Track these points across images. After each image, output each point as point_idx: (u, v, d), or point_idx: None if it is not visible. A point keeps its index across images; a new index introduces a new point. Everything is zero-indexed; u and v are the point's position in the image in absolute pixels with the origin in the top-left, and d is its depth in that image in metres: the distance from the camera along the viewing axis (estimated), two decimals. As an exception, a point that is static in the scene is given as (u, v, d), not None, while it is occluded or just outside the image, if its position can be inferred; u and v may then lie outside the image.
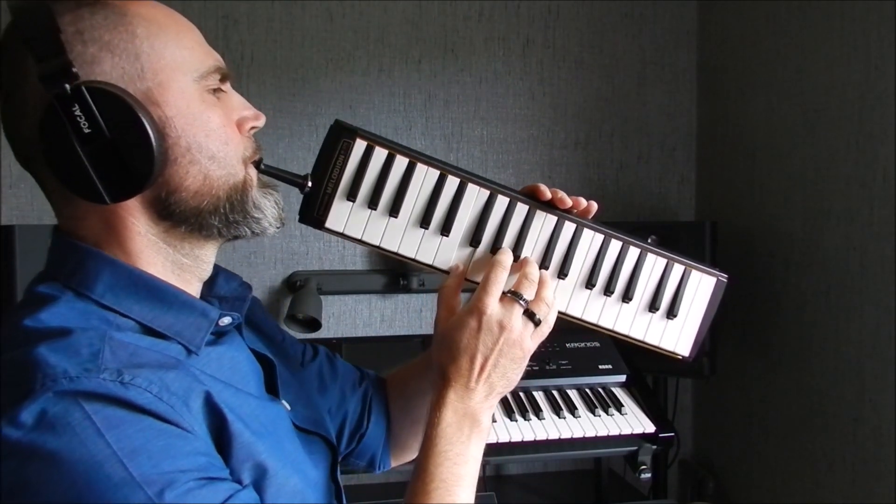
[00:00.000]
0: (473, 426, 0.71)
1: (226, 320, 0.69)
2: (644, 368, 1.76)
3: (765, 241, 1.82)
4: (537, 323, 0.73)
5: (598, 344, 1.72)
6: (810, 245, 1.65)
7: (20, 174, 1.82)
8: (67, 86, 0.57)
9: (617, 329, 0.81)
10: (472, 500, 0.69)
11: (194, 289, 0.69)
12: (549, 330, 0.76)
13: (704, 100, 2.12)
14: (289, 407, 0.75)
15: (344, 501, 0.79)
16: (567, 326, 0.83)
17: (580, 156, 2.10)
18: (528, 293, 0.73)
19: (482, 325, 0.70)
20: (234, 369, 0.68)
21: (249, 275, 1.92)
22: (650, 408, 1.57)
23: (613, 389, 1.64)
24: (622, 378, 1.66)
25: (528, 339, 0.73)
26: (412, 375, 0.96)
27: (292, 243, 1.95)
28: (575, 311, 0.80)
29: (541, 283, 0.75)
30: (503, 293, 0.72)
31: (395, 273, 1.96)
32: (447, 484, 0.67)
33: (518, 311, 0.72)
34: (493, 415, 1.48)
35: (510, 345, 0.71)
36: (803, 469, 1.67)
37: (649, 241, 0.83)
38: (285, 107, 1.92)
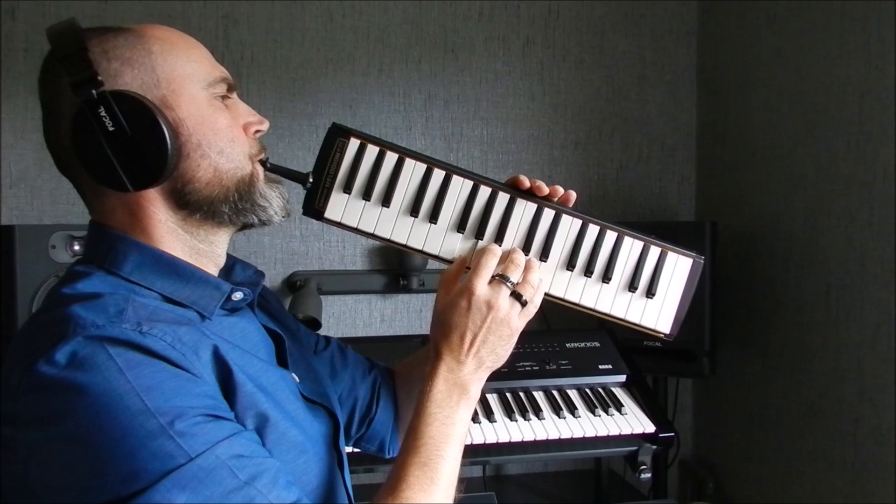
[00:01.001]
0: (462, 394, 0.78)
1: (238, 295, 0.78)
2: (644, 368, 1.76)
3: (765, 241, 1.82)
4: (524, 303, 0.80)
5: (598, 344, 1.72)
6: (810, 245, 1.65)
7: (20, 174, 1.83)
8: (94, 91, 0.67)
9: (598, 308, 0.85)
10: (459, 458, 0.76)
11: (211, 272, 0.78)
12: (535, 310, 0.82)
13: (704, 100, 2.12)
14: (298, 379, 0.82)
15: (346, 469, 0.85)
16: (567, 327, 0.84)
17: (580, 156, 2.10)
18: (515, 276, 0.80)
19: (472, 305, 0.78)
20: (244, 338, 0.77)
21: (249, 275, 1.92)
22: (650, 408, 1.57)
23: (613, 389, 1.64)
24: (622, 378, 1.66)
25: (514, 318, 0.79)
26: (417, 363, 1.02)
27: (292, 243, 1.95)
28: (557, 291, 0.85)
29: (527, 267, 0.81)
30: (492, 277, 0.79)
31: (395, 273, 1.96)
32: (435, 441, 0.74)
33: (505, 292, 0.78)
34: (494, 415, 1.51)
35: (498, 323, 0.78)
36: (803, 469, 1.67)
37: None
38: (285, 107, 1.92)
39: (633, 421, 1.52)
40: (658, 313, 0.86)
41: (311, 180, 0.83)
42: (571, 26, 2.07)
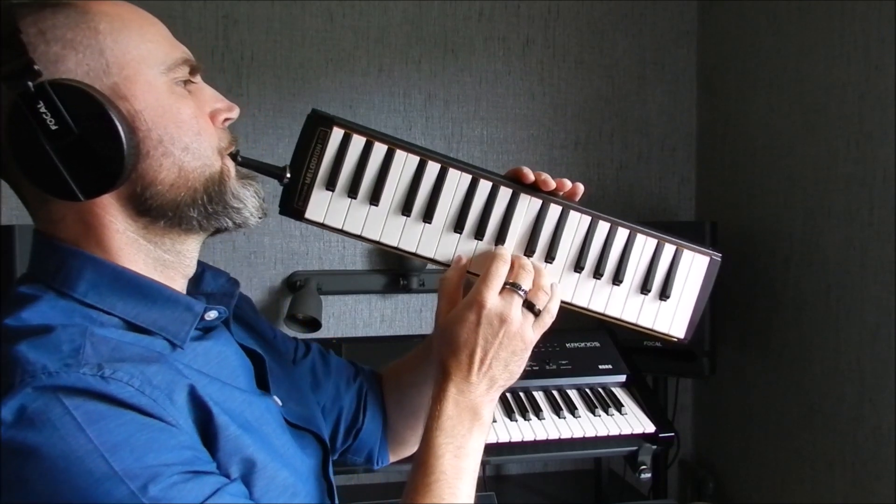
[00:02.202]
0: (474, 420, 0.70)
1: (212, 314, 0.68)
2: (644, 368, 1.76)
3: (765, 241, 1.82)
4: (537, 313, 0.72)
5: (598, 344, 1.72)
6: (810, 245, 1.65)
7: (20, 174, 1.83)
8: (31, 83, 0.56)
9: (608, 313, 0.79)
10: (473, 495, 0.68)
11: (179, 286, 0.69)
12: (552, 319, 0.74)
13: (704, 100, 2.12)
14: (280, 403, 0.74)
15: (336, 499, 0.78)
16: (567, 327, 0.82)
17: (580, 156, 2.10)
18: (527, 283, 0.72)
19: (482, 319, 0.70)
20: (221, 364, 0.68)
21: (249, 275, 1.92)
22: (650, 408, 1.57)
23: (613, 389, 1.64)
24: (622, 378, 1.66)
25: (528, 331, 0.72)
26: (406, 369, 0.95)
27: (292, 243, 1.95)
28: (564, 295, 0.77)
29: (538, 272, 0.74)
30: (503, 286, 0.71)
31: (395, 273, 1.96)
32: (447, 477, 0.66)
33: (518, 302, 0.71)
34: (494, 415, 1.49)
35: (511, 337, 0.71)
36: (803, 469, 1.67)
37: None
38: (285, 107, 1.92)
39: (633, 421, 1.52)
40: (672, 316, 0.79)
41: (288, 175, 0.74)
42: (571, 26, 2.07)
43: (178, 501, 0.52)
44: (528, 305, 0.72)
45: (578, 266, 0.77)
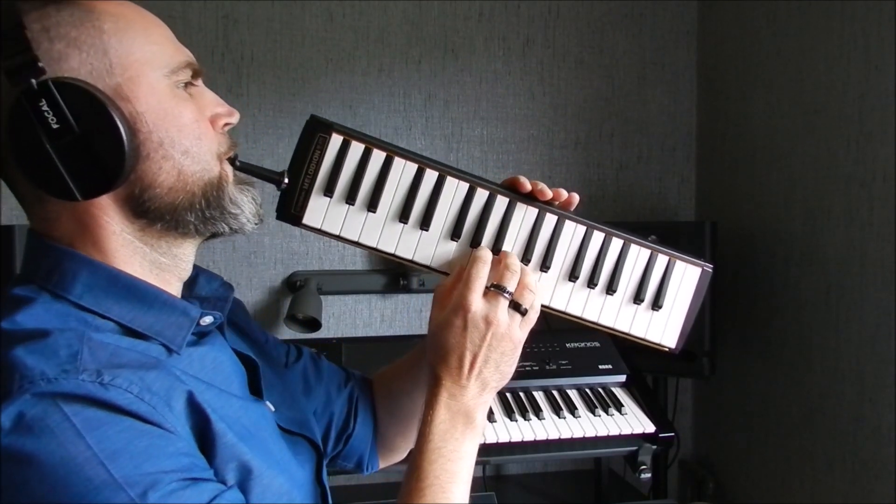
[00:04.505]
0: (467, 424, 0.70)
1: (207, 319, 0.68)
2: (644, 368, 1.76)
3: (765, 241, 1.82)
4: (523, 313, 0.73)
5: (598, 344, 1.72)
6: (810, 245, 1.65)
7: (20, 174, 1.83)
8: (34, 80, 0.56)
9: (601, 322, 0.80)
10: (467, 498, 0.68)
11: (174, 289, 0.68)
12: (537, 316, 0.75)
13: (704, 100, 2.12)
14: (273, 408, 0.74)
15: (330, 503, 0.79)
16: (567, 327, 0.82)
17: (580, 156, 2.10)
18: (511, 284, 0.72)
19: (468, 323, 0.70)
20: (216, 370, 0.68)
21: (249, 275, 1.92)
22: (650, 408, 1.57)
23: (613, 389, 1.64)
24: (622, 378, 1.66)
25: (516, 331, 0.72)
26: (396, 375, 0.95)
27: (292, 243, 1.95)
28: (558, 304, 0.79)
29: (522, 271, 0.74)
30: (486, 287, 0.71)
31: (395, 273, 1.96)
32: (441, 481, 0.66)
33: (503, 304, 0.71)
34: (493, 415, 1.50)
35: (499, 339, 0.71)
36: (803, 469, 1.67)
37: (649, 239, 0.83)
38: (285, 107, 1.92)
39: (633, 421, 1.52)
40: (664, 326, 0.81)
41: (286, 181, 0.74)
42: (571, 26, 2.07)
43: None
44: (515, 306, 0.72)
45: (573, 275, 0.78)
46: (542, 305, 0.78)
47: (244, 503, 0.59)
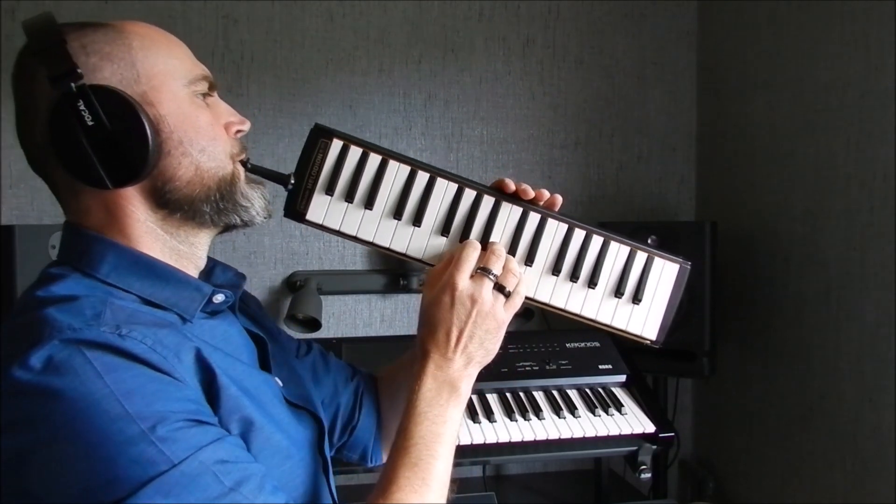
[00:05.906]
0: (452, 392, 0.77)
1: (219, 297, 0.75)
2: (644, 368, 1.76)
3: (765, 241, 1.82)
4: (507, 294, 0.79)
5: (598, 344, 1.72)
6: (810, 245, 1.65)
7: (20, 174, 1.83)
8: (73, 84, 0.65)
9: (584, 314, 0.85)
10: (451, 459, 0.74)
11: (191, 275, 0.76)
12: (521, 300, 0.81)
13: (704, 100, 2.12)
14: (281, 383, 0.80)
15: (331, 475, 0.84)
16: (567, 327, 0.84)
17: (580, 156, 2.10)
18: (496, 268, 0.79)
19: (455, 300, 0.77)
20: (226, 340, 0.75)
21: (249, 275, 1.91)
22: (650, 408, 1.57)
23: (613, 389, 1.64)
24: (622, 378, 1.66)
25: (500, 310, 0.79)
26: (399, 370, 1.01)
27: (292, 243, 1.95)
28: (542, 296, 0.84)
29: (507, 258, 0.81)
30: (474, 270, 0.79)
31: (395, 273, 1.96)
32: (426, 441, 0.73)
33: (488, 284, 0.78)
34: (494, 415, 1.50)
35: (483, 316, 0.77)
36: (803, 469, 1.67)
37: (649, 241, 0.85)
38: (285, 107, 1.92)
39: (633, 421, 1.52)
40: (644, 319, 0.85)
41: (292, 181, 0.83)
42: (571, 26, 2.07)
43: (183, 441, 0.58)
44: (500, 288, 0.79)
45: (556, 269, 0.84)
46: (527, 298, 0.83)
47: (246, 450, 0.65)
